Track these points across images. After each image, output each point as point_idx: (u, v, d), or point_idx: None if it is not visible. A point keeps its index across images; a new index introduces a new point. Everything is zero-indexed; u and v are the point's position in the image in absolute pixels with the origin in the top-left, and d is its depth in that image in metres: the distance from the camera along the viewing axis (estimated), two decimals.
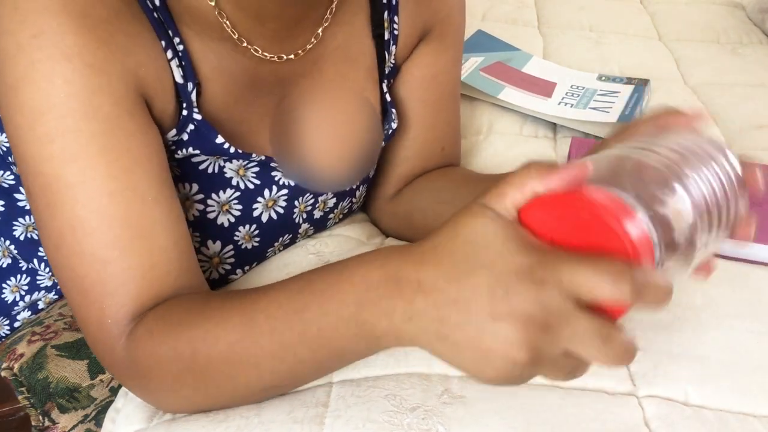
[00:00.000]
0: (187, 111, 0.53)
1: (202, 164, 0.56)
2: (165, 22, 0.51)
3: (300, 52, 0.59)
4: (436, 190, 0.69)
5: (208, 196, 0.58)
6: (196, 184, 0.57)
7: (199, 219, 0.58)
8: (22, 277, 0.70)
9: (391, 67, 0.67)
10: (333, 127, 0.62)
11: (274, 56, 0.57)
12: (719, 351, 0.55)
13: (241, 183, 0.59)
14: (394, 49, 0.66)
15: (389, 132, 0.68)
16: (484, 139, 0.90)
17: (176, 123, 0.53)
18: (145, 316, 0.47)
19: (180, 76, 0.52)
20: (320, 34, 0.59)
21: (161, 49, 0.51)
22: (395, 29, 0.65)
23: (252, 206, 0.61)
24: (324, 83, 0.61)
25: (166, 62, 0.51)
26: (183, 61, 0.52)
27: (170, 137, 0.53)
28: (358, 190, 0.69)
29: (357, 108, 0.64)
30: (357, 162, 0.65)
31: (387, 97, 0.67)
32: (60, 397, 0.61)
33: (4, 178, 0.66)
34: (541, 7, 1.39)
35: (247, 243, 0.62)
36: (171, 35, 0.51)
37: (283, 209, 0.63)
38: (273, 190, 0.61)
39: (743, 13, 1.38)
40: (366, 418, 0.47)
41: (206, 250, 0.60)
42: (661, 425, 0.48)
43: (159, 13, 0.51)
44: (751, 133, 0.93)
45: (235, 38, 0.54)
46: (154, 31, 0.50)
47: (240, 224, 0.61)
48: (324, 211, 0.68)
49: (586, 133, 0.91)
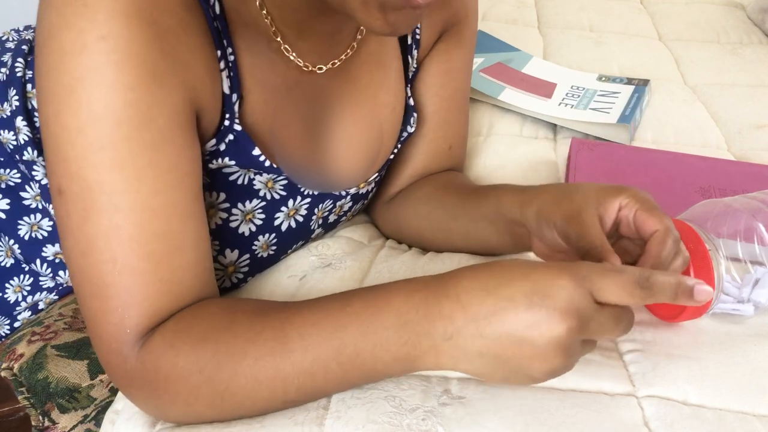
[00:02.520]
0: (229, 122, 0.53)
1: (233, 175, 0.56)
2: (222, 32, 0.51)
3: (337, 62, 0.59)
4: (418, 202, 0.70)
5: (233, 206, 0.58)
6: (223, 193, 0.57)
7: (221, 227, 0.58)
8: (25, 278, 0.70)
9: (414, 71, 0.68)
10: (362, 134, 0.63)
11: (314, 67, 0.58)
12: (718, 351, 0.55)
13: (268, 194, 0.59)
14: (416, 53, 0.67)
15: (405, 135, 0.68)
16: (484, 140, 0.90)
17: (216, 133, 0.53)
18: (162, 327, 0.46)
19: (228, 87, 0.52)
20: (355, 46, 0.60)
21: (216, 60, 0.51)
22: (417, 34, 0.66)
23: (275, 215, 0.61)
24: (358, 90, 0.62)
25: (218, 73, 0.51)
26: (232, 71, 0.52)
27: (209, 147, 0.53)
28: (371, 191, 0.70)
29: (385, 114, 0.65)
30: (376, 165, 0.66)
31: (410, 101, 0.68)
32: (60, 397, 0.61)
33: (10, 176, 0.66)
34: (541, 7, 1.39)
35: (264, 252, 0.63)
36: (225, 45, 0.51)
37: (303, 217, 0.64)
38: (297, 199, 0.62)
39: (743, 13, 1.38)
40: (366, 419, 0.47)
41: (223, 258, 0.60)
42: (660, 425, 0.48)
43: (218, 22, 0.50)
44: (751, 133, 0.94)
45: (282, 47, 0.54)
46: (213, 43, 0.50)
47: (260, 233, 0.61)
48: (338, 215, 0.68)
49: (586, 133, 0.91)
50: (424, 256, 0.66)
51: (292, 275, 0.64)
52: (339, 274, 0.63)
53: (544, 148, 0.89)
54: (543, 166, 0.85)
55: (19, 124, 0.65)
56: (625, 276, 0.42)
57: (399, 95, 0.66)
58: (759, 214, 0.60)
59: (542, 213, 0.54)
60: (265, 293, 0.63)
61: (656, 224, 0.49)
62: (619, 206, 0.51)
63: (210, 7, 0.50)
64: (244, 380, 0.44)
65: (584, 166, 0.79)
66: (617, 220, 0.51)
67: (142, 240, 0.46)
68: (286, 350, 0.44)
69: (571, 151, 0.82)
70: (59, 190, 0.46)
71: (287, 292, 0.62)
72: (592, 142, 0.85)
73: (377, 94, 0.64)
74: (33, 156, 0.65)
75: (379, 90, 0.64)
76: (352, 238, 0.70)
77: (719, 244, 0.55)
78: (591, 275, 0.42)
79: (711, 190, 0.76)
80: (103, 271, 0.46)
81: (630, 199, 0.51)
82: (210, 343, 0.45)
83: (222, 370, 0.44)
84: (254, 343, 0.44)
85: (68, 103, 0.44)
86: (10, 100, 0.65)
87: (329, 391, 0.48)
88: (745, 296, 0.59)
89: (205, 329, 0.46)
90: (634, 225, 0.50)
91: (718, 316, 0.59)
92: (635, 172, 0.79)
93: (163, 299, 0.47)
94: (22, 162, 0.66)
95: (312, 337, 0.44)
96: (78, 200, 0.45)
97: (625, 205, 0.51)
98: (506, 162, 0.85)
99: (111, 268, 0.45)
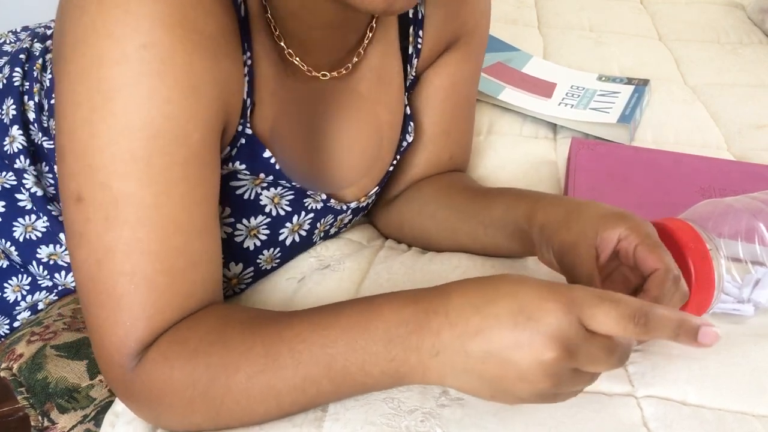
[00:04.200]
0: (242, 126, 0.52)
1: (240, 189, 0.56)
2: (244, 36, 0.50)
3: (343, 70, 0.59)
4: (423, 201, 0.69)
5: (238, 221, 0.57)
6: (229, 207, 0.56)
7: (225, 241, 0.57)
8: (24, 277, 0.70)
9: (412, 80, 0.67)
10: (362, 145, 0.63)
11: (319, 74, 0.57)
12: (717, 351, 0.54)
13: (273, 210, 0.59)
14: (416, 63, 0.66)
15: (404, 145, 0.68)
16: (484, 139, 0.90)
17: (231, 140, 0.52)
18: (158, 338, 0.46)
19: (246, 93, 0.51)
20: (362, 53, 0.60)
21: (243, 66, 0.50)
22: (419, 43, 0.65)
23: (279, 231, 0.61)
24: (359, 103, 0.62)
25: (243, 78, 0.50)
26: (249, 77, 0.51)
27: (223, 155, 0.52)
28: (371, 204, 0.70)
29: (384, 131, 0.65)
30: (375, 177, 0.66)
31: (407, 110, 0.67)
32: (59, 398, 0.60)
33: (6, 179, 0.66)
34: (541, 7, 1.39)
35: (268, 265, 0.63)
36: (246, 49, 0.50)
37: (306, 232, 0.64)
38: (301, 215, 0.62)
39: (743, 13, 1.38)
40: (364, 420, 0.47)
41: (227, 271, 0.60)
42: (659, 425, 0.48)
43: (243, 25, 0.49)
44: (751, 133, 0.93)
45: (286, 52, 0.54)
46: (241, 48, 0.49)
47: (265, 248, 0.61)
48: (339, 228, 0.69)
49: (586, 133, 0.91)
50: (423, 257, 0.66)
51: (291, 277, 0.64)
52: (337, 276, 0.63)
53: (544, 148, 0.89)
54: (543, 165, 0.84)
55: (14, 132, 0.65)
56: (621, 308, 0.39)
57: (398, 110, 0.66)
58: (760, 215, 0.60)
59: (544, 234, 0.54)
60: (263, 296, 0.63)
61: (656, 263, 0.48)
62: (618, 238, 0.50)
63: (237, 10, 0.49)
64: (238, 395, 0.44)
65: (584, 165, 0.79)
66: (617, 249, 0.50)
67: (163, 255, 0.45)
68: (277, 367, 0.44)
69: (571, 151, 0.82)
70: (79, 196, 0.45)
71: (286, 295, 0.62)
72: (592, 142, 0.85)
73: (377, 110, 0.63)
74: (25, 165, 0.65)
75: (379, 106, 0.64)
76: (351, 238, 0.70)
77: (720, 244, 0.55)
78: (584, 301, 0.39)
79: (711, 190, 0.76)
80: (119, 282, 0.45)
81: (630, 232, 0.49)
82: (202, 357, 0.45)
83: (215, 385, 0.44)
84: (246, 358, 0.44)
85: (102, 111, 0.43)
86: (6, 110, 0.65)
87: (323, 403, 0.47)
88: (746, 296, 0.58)
89: (198, 342, 0.45)
90: (634, 260, 0.49)
91: (718, 316, 0.59)
92: (635, 171, 0.79)
93: (172, 313, 0.46)
94: (13, 170, 0.66)
95: (302, 354, 0.43)
96: (100, 209, 0.44)
97: (624, 238, 0.50)
98: (506, 161, 0.85)
99: (128, 280, 0.45)
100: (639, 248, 0.49)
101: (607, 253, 0.50)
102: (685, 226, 0.54)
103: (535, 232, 0.55)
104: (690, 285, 0.52)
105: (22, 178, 0.66)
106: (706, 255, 0.52)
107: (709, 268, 0.52)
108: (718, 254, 0.53)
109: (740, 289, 0.59)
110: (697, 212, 0.61)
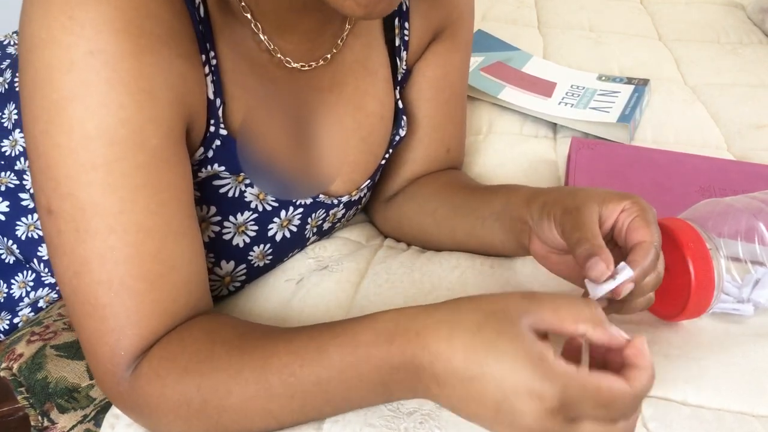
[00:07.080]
0: (214, 127, 0.52)
1: (224, 187, 0.56)
2: (205, 36, 0.50)
3: (321, 61, 0.58)
4: (423, 198, 0.69)
5: (225, 219, 0.57)
6: (214, 206, 0.56)
7: (214, 240, 0.57)
8: (29, 273, 0.70)
9: (403, 73, 0.67)
10: (348, 140, 0.63)
11: (297, 64, 0.57)
12: (717, 351, 0.54)
13: (259, 206, 0.59)
14: (405, 55, 0.66)
15: (397, 139, 0.68)
16: (484, 138, 0.90)
17: (203, 141, 0.52)
18: (149, 354, 0.46)
19: (212, 92, 0.51)
20: (341, 44, 0.59)
21: (202, 66, 0.49)
22: (405, 35, 0.65)
23: (268, 227, 0.61)
24: (344, 98, 0.62)
25: (204, 78, 0.50)
26: (215, 76, 0.51)
27: (197, 156, 0.52)
28: (364, 197, 0.70)
29: (372, 123, 0.64)
30: (366, 172, 0.66)
31: (399, 104, 0.67)
32: (59, 397, 0.60)
33: (10, 179, 0.67)
34: (541, 7, 1.39)
35: (260, 261, 0.62)
36: (208, 49, 0.50)
37: (296, 227, 0.63)
38: (289, 210, 0.61)
39: (743, 13, 1.38)
40: (364, 422, 0.47)
41: (219, 270, 0.60)
42: (659, 426, 0.48)
43: (203, 25, 0.49)
44: (751, 133, 0.93)
45: (264, 41, 0.54)
46: (199, 48, 0.49)
47: (255, 244, 0.60)
48: (332, 222, 0.68)
49: (586, 133, 0.91)
50: (422, 257, 0.66)
51: (289, 279, 0.63)
52: (336, 277, 0.63)
53: (544, 147, 0.89)
54: (543, 164, 0.84)
55: (16, 136, 0.65)
56: None
57: (387, 102, 0.66)
58: (760, 215, 0.60)
59: (545, 206, 0.54)
60: (261, 298, 0.62)
61: (646, 235, 0.48)
62: (622, 209, 0.50)
63: (195, 10, 0.49)
64: (234, 416, 0.44)
65: (584, 165, 0.79)
66: (615, 222, 0.51)
67: (138, 261, 0.45)
68: (270, 395, 0.43)
69: (571, 150, 0.82)
70: (48, 209, 0.45)
71: (284, 297, 0.62)
72: (592, 141, 0.85)
73: (364, 102, 0.63)
74: (24, 166, 0.66)
75: (365, 97, 0.63)
76: (349, 238, 0.70)
77: (720, 244, 0.55)
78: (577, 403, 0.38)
79: (711, 190, 0.76)
80: (99, 292, 0.45)
81: (634, 205, 0.50)
82: (192, 376, 0.44)
83: (209, 406, 0.44)
84: (237, 382, 0.44)
85: (58, 122, 0.43)
86: (9, 115, 0.65)
87: (324, 418, 0.48)
88: (745, 296, 0.58)
89: (188, 360, 0.45)
90: (626, 230, 0.50)
91: (717, 315, 0.58)
92: (635, 171, 0.79)
93: (159, 319, 0.46)
94: (14, 171, 0.66)
95: (295, 388, 0.43)
96: (70, 220, 0.44)
97: (627, 209, 0.50)
98: (506, 161, 0.85)
99: (107, 288, 0.44)
100: (636, 219, 0.49)
101: (609, 222, 0.50)
102: (685, 225, 0.54)
103: (534, 212, 0.55)
104: (690, 285, 0.52)
105: (22, 179, 0.66)
106: (706, 255, 0.52)
107: (709, 267, 0.52)
108: (718, 254, 0.53)
109: (740, 289, 0.59)
110: (697, 212, 0.61)
